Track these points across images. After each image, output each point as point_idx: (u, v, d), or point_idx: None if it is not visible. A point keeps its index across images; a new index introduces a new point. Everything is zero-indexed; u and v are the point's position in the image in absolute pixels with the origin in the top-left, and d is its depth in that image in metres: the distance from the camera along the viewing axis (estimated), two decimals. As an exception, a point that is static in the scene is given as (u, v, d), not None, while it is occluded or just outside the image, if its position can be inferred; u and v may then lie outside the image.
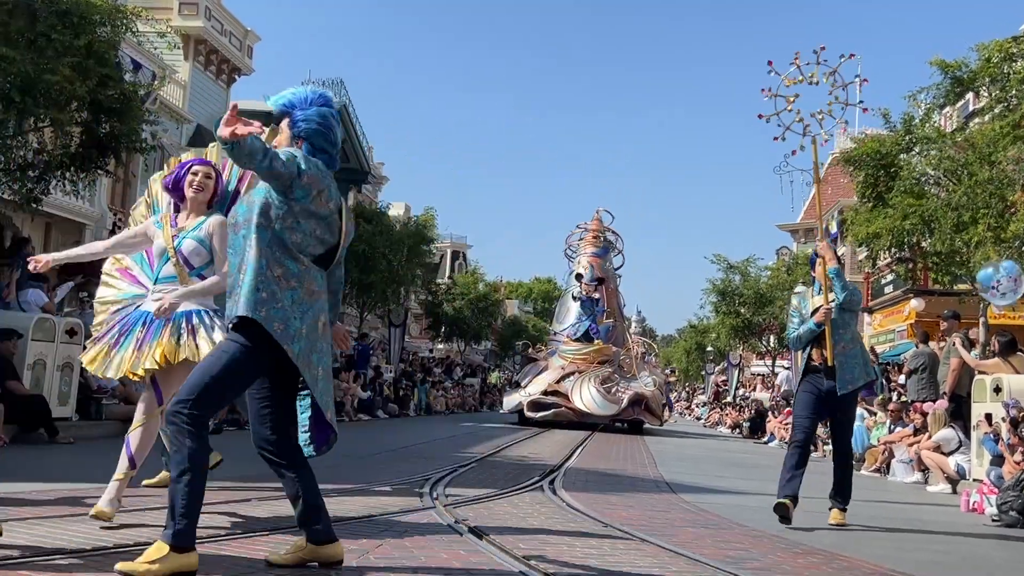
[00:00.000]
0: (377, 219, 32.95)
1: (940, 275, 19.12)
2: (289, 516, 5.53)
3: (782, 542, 6.06)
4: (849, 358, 7.15)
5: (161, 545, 3.70)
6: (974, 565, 5.96)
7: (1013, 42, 17.89)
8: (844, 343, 7.18)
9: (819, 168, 7.61)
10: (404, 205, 50.56)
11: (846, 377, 7.12)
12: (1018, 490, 8.31)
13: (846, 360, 7.14)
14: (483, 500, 7.02)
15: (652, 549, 5.31)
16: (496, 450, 13.01)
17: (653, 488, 9.38)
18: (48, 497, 5.88)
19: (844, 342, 7.19)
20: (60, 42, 11.38)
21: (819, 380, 7.23)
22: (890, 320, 34.32)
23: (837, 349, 7.09)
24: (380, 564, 4.25)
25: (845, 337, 7.23)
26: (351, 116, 37.80)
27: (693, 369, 67.19)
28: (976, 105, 20.98)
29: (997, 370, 11.51)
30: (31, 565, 3.79)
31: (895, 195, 18.17)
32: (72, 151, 12.91)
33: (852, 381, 7.16)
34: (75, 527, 4.79)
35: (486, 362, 54.68)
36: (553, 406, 21.81)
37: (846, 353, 7.15)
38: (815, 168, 7.55)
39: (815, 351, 7.27)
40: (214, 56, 28.71)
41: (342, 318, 39.12)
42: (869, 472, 14.13)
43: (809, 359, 7.29)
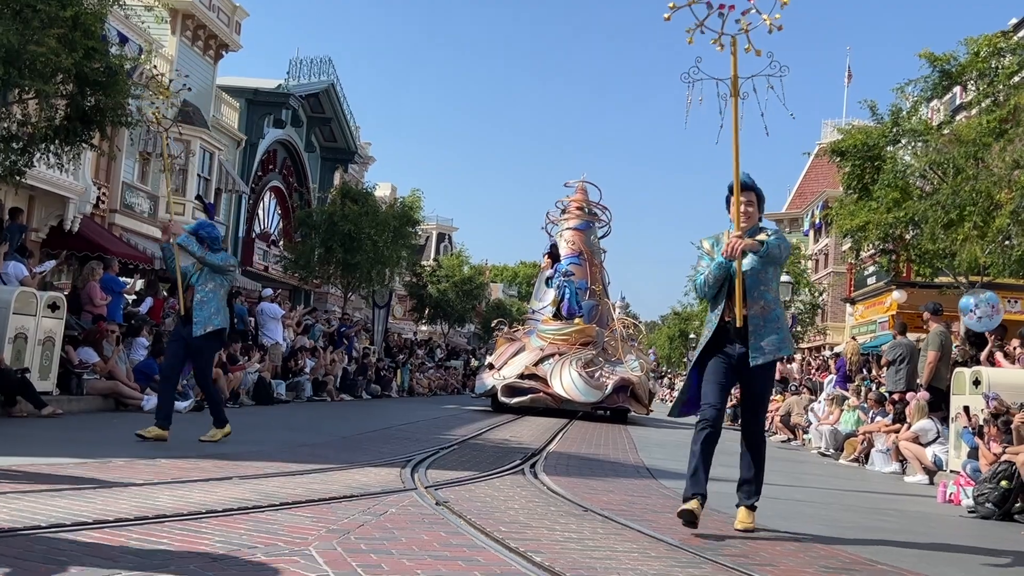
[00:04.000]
0: (363, 200, 32.85)
1: (923, 268, 19.23)
2: (272, 494, 5.54)
3: (761, 529, 6.10)
4: (768, 322, 5.85)
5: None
6: (950, 556, 6.01)
7: (1002, 36, 17.95)
8: (764, 303, 5.87)
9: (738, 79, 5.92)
10: (390, 186, 50.40)
11: (761, 344, 5.79)
12: (994, 482, 8.39)
13: (764, 324, 5.82)
14: (464, 482, 7.03)
15: (632, 534, 5.34)
16: (478, 433, 13.03)
17: (634, 473, 9.41)
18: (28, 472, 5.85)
19: (765, 301, 5.87)
20: (46, 13, 11.25)
21: (730, 344, 5.89)
22: (872, 311, 34.53)
23: (754, 309, 5.80)
24: (361, 544, 4.25)
25: (766, 295, 5.90)
26: (339, 95, 37.63)
27: (676, 356, 67.45)
28: (963, 99, 21.04)
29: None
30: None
31: (879, 187, 18.26)
32: (57, 124, 12.79)
33: (768, 350, 5.82)
34: (55, 502, 4.77)
35: (469, 344, 54.70)
36: (530, 391, 19.83)
37: (765, 316, 5.84)
38: (734, 77, 5.90)
39: (728, 308, 5.92)
40: (201, 31, 28.48)
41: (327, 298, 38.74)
42: (848, 462, 14.23)
43: (721, 318, 5.92)
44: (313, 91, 35.68)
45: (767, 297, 5.88)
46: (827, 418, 16.60)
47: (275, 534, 4.34)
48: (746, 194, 5.90)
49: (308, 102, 36.22)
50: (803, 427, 18.49)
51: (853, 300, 37.71)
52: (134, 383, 13.16)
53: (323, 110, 37.50)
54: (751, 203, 5.95)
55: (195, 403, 13.77)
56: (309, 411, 16.60)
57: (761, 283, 5.87)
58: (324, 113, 37.67)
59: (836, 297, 43.74)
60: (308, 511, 5.10)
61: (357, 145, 42.22)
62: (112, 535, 4.01)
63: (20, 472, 5.77)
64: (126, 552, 3.71)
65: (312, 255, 31.96)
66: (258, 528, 4.46)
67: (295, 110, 35.11)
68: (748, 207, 5.93)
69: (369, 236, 30.77)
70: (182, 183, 27.38)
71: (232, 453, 7.90)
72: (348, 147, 40.36)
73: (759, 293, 5.85)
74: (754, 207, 5.98)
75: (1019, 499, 8.29)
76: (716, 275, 5.87)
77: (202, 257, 8.98)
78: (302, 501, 5.40)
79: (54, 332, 12.07)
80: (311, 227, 32.45)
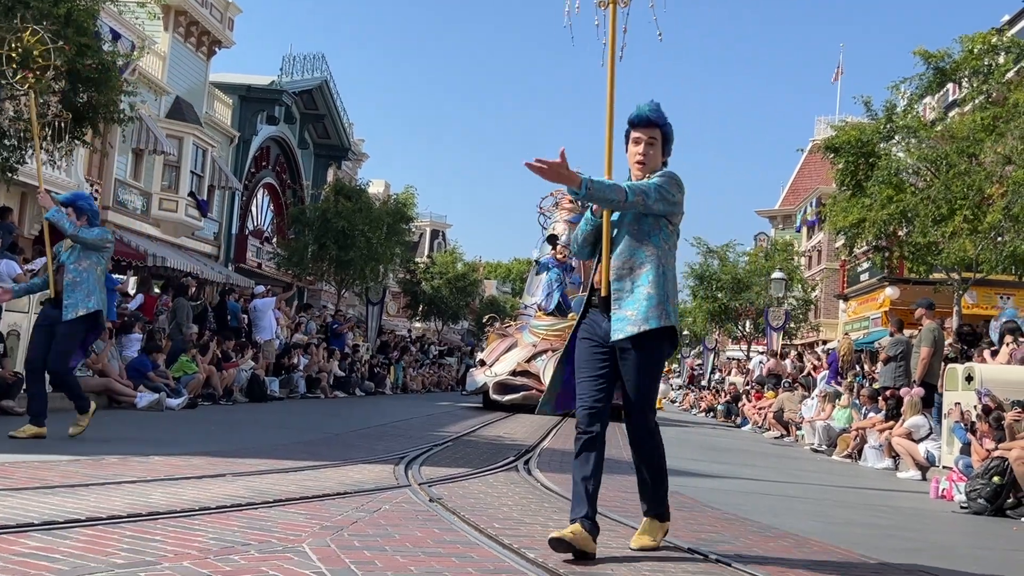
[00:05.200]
0: (357, 196, 32.84)
1: (916, 264, 19.29)
2: (265, 491, 5.53)
3: (754, 526, 6.11)
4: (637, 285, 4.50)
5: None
6: (942, 551, 6.03)
7: (997, 33, 18.00)
8: (635, 262, 4.54)
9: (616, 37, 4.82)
10: (384, 183, 50.42)
11: (625, 313, 4.49)
12: (987, 478, 8.42)
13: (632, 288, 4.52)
14: (458, 479, 7.03)
15: (625, 530, 5.34)
16: (471, 430, 13.04)
17: (627, 470, 9.37)
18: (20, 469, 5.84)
19: (636, 260, 4.54)
20: (38, 10, 11.23)
21: (596, 319, 4.67)
22: (865, 307, 34.63)
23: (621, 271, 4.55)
24: (355, 541, 4.25)
25: (638, 253, 4.54)
26: (332, 91, 37.57)
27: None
28: (956, 95, 21.11)
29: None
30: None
31: (873, 184, 18.30)
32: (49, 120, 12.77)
33: (634, 319, 4.46)
34: (48, 499, 4.76)
35: (463, 341, 54.71)
36: (522, 388, 19.34)
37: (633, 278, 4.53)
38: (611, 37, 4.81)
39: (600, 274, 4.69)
40: (194, 28, 28.43)
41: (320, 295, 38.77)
42: (841, 458, 14.27)
43: (591, 288, 4.78)
44: (306, 88, 35.62)
45: (640, 255, 4.53)
46: (819, 415, 16.65)
47: (269, 531, 4.33)
48: (648, 130, 4.64)
49: (301, 99, 36.16)
50: (796, 423, 18.54)
51: (846, 296, 37.81)
52: (127, 380, 13.14)
53: (316, 107, 37.44)
54: (653, 140, 4.66)
55: (188, 400, 13.77)
56: (303, 408, 16.60)
57: (636, 239, 4.56)
58: (317, 110, 37.61)
59: (829, 293, 43.84)
60: (302, 508, 5.09)
61: (350, 142, 42.18)
62: (105, 532, 4.00)
63: (12, 469, 5.75)
64: (119, 549, 3.71)
65: (305, 252, 31.95)
66: (252, 525, 4.45)
67: (288, 107, 35.06)
68: (649, 145, 4.65)
69: (363, 233, 30.77)
70: (175, 180, 27.34)
71: (225, 450, 7.89)
72: (341, 144, 40.32)
73: (631, 250, 4.55)
74: (656, 146, 4.67)
75: (1011, 495, 8.32)
76: (585, 231, 4.80)
77: (74, 234, 8.24)
78: (296, 498, 5.40)
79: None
80: (304, 224, 32.43)
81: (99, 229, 8.56)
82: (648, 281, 4.49)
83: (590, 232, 4.77)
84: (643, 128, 4.64)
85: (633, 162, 4.65)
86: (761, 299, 37.45)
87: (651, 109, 4.63)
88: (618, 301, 4.51)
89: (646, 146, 4.63)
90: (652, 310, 4.45)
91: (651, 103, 4.65)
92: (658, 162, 4.67)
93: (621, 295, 4.51)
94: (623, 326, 4.46)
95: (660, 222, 4.57)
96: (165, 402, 13.01)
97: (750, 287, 39.78)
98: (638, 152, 4.63)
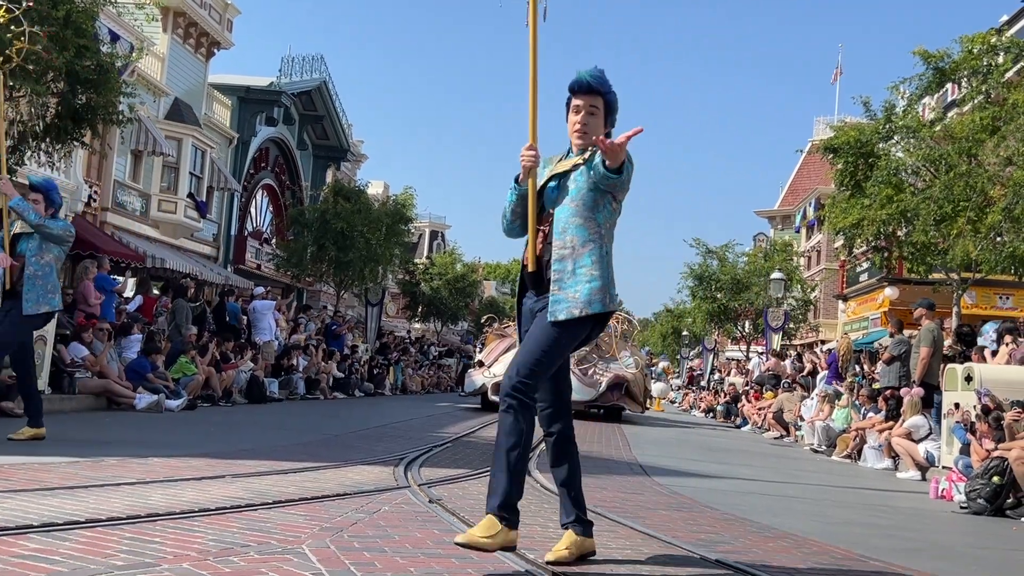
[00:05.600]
0: (356, 197, 32.83)
1: (916, 265, 19.29)
2: (265, 492, 5.53)
3: (753, 526, 6.11)
4: (580, 266, 4.17)
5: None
6: (942, 551, 6.03)
7: (996, 33, 18.01)
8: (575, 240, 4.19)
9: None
10: (383, 184, 50.42)
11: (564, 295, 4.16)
12: (986, 478, 8.42)
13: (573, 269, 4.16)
14: (458, 480, 7.03)
15: (625, 531, 5.34)
16: (471, 431, 13.03)
17: (627, 470, 9.42)
18: (19, 471, 5.83)
19: (576, 239, 4.19)
20: (37, 12, 11.22)
21: (527, 299, 4.41)
22: (864, 308, 34.63)
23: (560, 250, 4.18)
24: (354, 542, 4.25)
25: (581, 231, 4.19)
26: (331, 93, 37.57)
27: (669, 353, 67.54)
28: (956, 95, 21.12)
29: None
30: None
31: (872, 184, 18.31)
32: (48, 122, 12.77)
33: (573, 302, 4.15)
34: (47, 501, 4.76)
35: (463, 342, 54.71)
36: None
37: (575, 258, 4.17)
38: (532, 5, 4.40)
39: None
40: (193, 29, 28.42)
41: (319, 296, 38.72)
42: (840, 458, 14.27)
43: (523, 266, 4.42)
44: (305, 89, 35.61)
45: (583, 233, 4.18)
46: (819, 415, 16.65)
47: (268, 532, 4.33)
48: (590, 97, 4.26)
49: (300, 100, 36.16)
50: (796, 423, 18.55)
51: (845, 297, 37.82)
52: (126, 381, 13.13)
53: (315, 108, 37.43)
54: (595, 109, 4.27)
55: (187, 401, 13.77)
56: (302, 409, 16.59)
57: (580, 215, 4.20)
58: (316, 111, 37.60)
59: (828, 294, 43.84)
60: (301, 509, 5.09)
61: (349, 143, 42.17)
62: (105, 534, 3.99)
63: (11, 471, 5.75)
64: (119, 551, 3.70)
65: (305, 253, 31.94)
66: (251, 526, 4.45)
67: (287, 108, 35.04)
68: (590, 115, 4.27)
69: (362, 234, 30.76)
70: (174, 181, 27.33)
71: (225, 451, 7.89)
72: (340, 145, 40.30)
73: (574, 228, 4.19)
74: (598, 116, 4.29)
75: (1011, 495, 8.32)
76: (512, 202, 4.40)
77: (40, 224, 7.81)
78: (295, 499, 5.39)
79: (46, 331, 12.02)
80: (304, 225, 32.42)
81: (63, 222, 8.25)
82: (592, 262, 4.17)
83: (518, 204, 4.37)
84: (584, 95, 4.26)
85: (573, 131, 4.28)
86: (760, 299, 37.47)
87: (593, 75, 4.25)
88: (558, 282, 4.16)
89: (586, 115, 4.25)
90: (596, 293, 4.15)
91: (594, 69, 4.30)
92: (600, 133, 4.27)
93: (562, 276, 4.16)
94: (563, 307, 4.12)
95: (606, 198, 4.23)
96: (164, 403, 13.01)
97: (749, 287, 39.79)
98: (578, 121, 4.26)
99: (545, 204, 4.29)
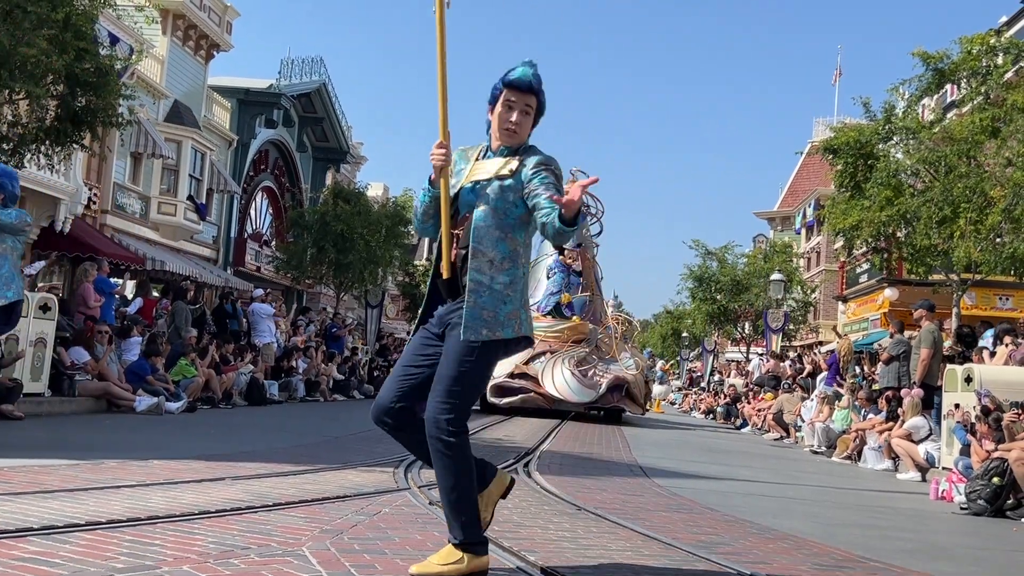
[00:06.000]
0: (355, 199, 32.83)
1: (915, 266, 19.29)
2: (265, 495, 5.53)
3: (754, 527, 6.11)
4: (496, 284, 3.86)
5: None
6: (942, 552, 6.03)
7: (995, 34, 18.02)
8: (497, 257, 3.87)
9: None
10: (383, 186, 50.33)
11: (482, 315, 3.82)
12: (986, 479, 8.42)
13: (490, 286, 3.85)
14: (457, 482, 7.01)
15: (625, 533, 5.34)
16: (471, 432, 12.99)
17: (627, 472, 9.42)
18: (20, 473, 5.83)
19: (499, 255, 3.88)
20: (37, 15, 11.24)
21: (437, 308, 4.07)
22: (864, 309, 34.61)
23: (480, 262, 3.86)
24: (355, 544, 4.25)
25: (501, 247, 3.89)
26: (331, 95, 37.58)
27: (668, 355, 67.55)
28: (955, 96, 21.13)
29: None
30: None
31: (872, 185, 18.32)
32: (47, 125, 12.78)
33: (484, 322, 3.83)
34: (47, 503, 4.76)
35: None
36: (521, 391, 18.99)
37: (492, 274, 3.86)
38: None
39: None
40: (192, 31, 28.43)
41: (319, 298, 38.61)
42: (840, 459, 14.27)
43: (435, 270, 4.05)
44: (305, 91, 35.61)
45: (503, 249, 3.89)
46: (818, 416, 16.65)
47: (268, 535, 4.33)
48: (527, 96, 3.96)
49: (300, 102, 36.16)
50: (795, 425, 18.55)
51: (845, 298, 37.82)
52: (126, 384, 13.13)
53: (315, 110, 37.44)
54: (529, 109, 3.98)
55: (187, 404, 13.76)
56: (302, 411, 16.58)
57: (500, 229, 3.90)
58: (316, 113, 37.60)
59: (828, 295, 43.85)
60: (301, 511, 5.09)
61: (349, 145, 42.16)
62: (105, 537, 3.99)
63: (11, 474, 5.75)
64: (119, 554, 3.70)
65: (304, 255, 31.93)
66: (251, 529, 4.45)
67: (287, 110, 35.04)
68: (525, 114, 3.97)
69: (362, 236, 30.76)
70: (173, 183, 27.33)
71: (225, 454, 7.89)
72: (340, 147, 40.30)
73: (494, 241, 3.89)
74: (530, 117, 4.00)
75: (1011, 496, 8.33)
76: (424, 202, 4.10)
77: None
78: (295, 501, 5.39)
79: (45, 333, 12.03)
80: (303, 227, 32.42)
81: (16, 211, 7.91)
82: (509, 282, 3.89)
83: (431, 205, 4.05)
84: (520, 93, 3.95)
85: (502, 128, 3.96)
86: (760, 301, 37.47)
87: (534, 74, 3.96)
88: (475, 293, 3.83)
89: (521, 115, 3.95)
90: (509, 317, 3.88)
91: (532, 65, 3.99)
92: (527, 135, 4.01)
93: (479, 288, 3.83)
94: (477, 326, 3.81)
95: (528, 216, 3.92)
96: (164, 406, 13.00)
97: (749, 289, 39.80)
98: (510, 120, 3.94)
99: (460, 207, 4.01)
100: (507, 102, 3.96)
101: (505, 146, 3.98)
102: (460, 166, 4.06)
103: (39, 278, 15.27)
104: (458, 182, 4.00)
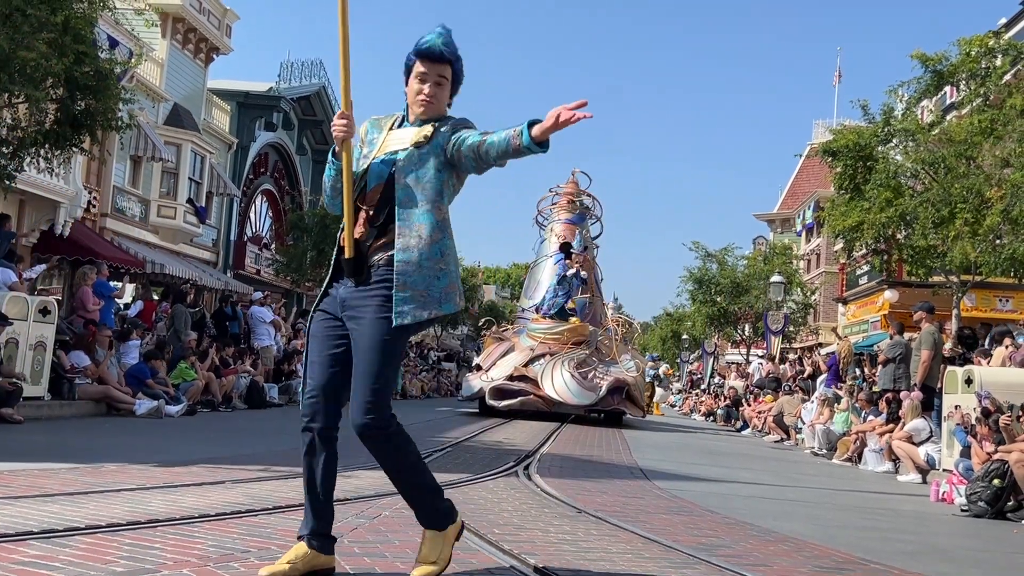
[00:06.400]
0: (355, 202, 32.80)
1: (915, 268, 19.30)
2: (265, 498, 5.53)
3: (754, 530, 6.11)
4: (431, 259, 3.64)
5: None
6: (943, 554, 6.02)
7: (994, 36, 18.03)
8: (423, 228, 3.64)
9: None
10: (382, 188, 50.26)
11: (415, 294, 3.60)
12: (987, 481, 8.41)
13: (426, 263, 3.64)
14: (458, 485, 7.01)
15: (626, 535, 5.34)
16: (471, 435, 13.03)
17: (627, 475, 9.42)
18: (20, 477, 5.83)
19: (425, 227, 3.64)
20: (36, 18, 11.23)
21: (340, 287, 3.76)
22: (864, 311, 34.61)
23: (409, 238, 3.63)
24: (355, 548, 4.25)
25: (428, 218, 3.65)
26: (330, 97, 37.58)
27: (668, 357, 67.56)
28: (954, 98, 21.14)
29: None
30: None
31: (871, 187, 18.34)
32: (47, 128, 12.78)
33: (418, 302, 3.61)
34: (47, 507, 4.75)
35: (462, 347, 54.68)
36: (520, 393, 18.83)
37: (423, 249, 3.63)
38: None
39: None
40: (192, 35, 28.43)
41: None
42: (841, 461, 14.26)
43: (338, 248, 3.77)
44: (304, 94, 35.63)
45: (429, 221, 3.66)
46: (819, 418, 16.64)
47: (268, 538, 4.33)
48: (439, 66, 3.75)
49: (299, 105, 36.17)
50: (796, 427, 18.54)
51: (845, 300, 37.82)
52: (126, 387, 13.13)
53: (314, 112, 37.44)
54: (442, 80, 3.79)
55: (187, 407, 13.77)
56: (302, 414, 16.56)
57: (426, 197, 3.68)
58: (315, 116, 37.61)
59: (828, 297, 43.84)
60: (301, 514, 5.07)
61: (348, 148, 42.13)
62: (105, 540, 3.99)
63: (11, 478, 5.75)
64: (119, 557, 3.70)
65: (304, 258, 31.92)
66: (251, 532, 4.45)
67: (286, 113, 35.06)
68: (438, 86, 3.78)
69: (361, 239, 30.73)
70: (173, 186, 27.33)
71: (225, 457, 7.89)
72: (340, 149, 40.27)
73: (420, 215, 3.66)
74: (445, 87, 3.81)
75: (1011, 498, 8.32)
76: (332, 179, 3.83)
77: None
78: (295, 504, 5.38)
79: (45, 337, 12.04)
80: (303, 230, 32.41)
81: None
82: (441, 254, 3.67)
83: (337, 178, 3.79)
84: (432, 63, 3.75)
85: (415, 100, 3.77)
86: (760, 303, 37.47)
87: (445, 42, 3.73)
88: (403, 275, 3.58)
89: (434, 86, 3.76)
90: (446, 291, 3.69)
91: (443, 32, 3.77)
92: (444, 105, 3.83)
93: (406, 269, 3.59)
94: (410, 307, 3.58)
95: (452, 179, 3.76)
96: (164, 409, 13.01)
97: (749, 291, 39.79)
98: (424, 91, 3.75)
99: (369, 180, 3.73)
100: (420, 74, 3.77)
101: (421, 119, 3.79)
102: (372, 135, 3.85)
103: (39, 282, 15.25)
104: (371, 152, 3.79)
